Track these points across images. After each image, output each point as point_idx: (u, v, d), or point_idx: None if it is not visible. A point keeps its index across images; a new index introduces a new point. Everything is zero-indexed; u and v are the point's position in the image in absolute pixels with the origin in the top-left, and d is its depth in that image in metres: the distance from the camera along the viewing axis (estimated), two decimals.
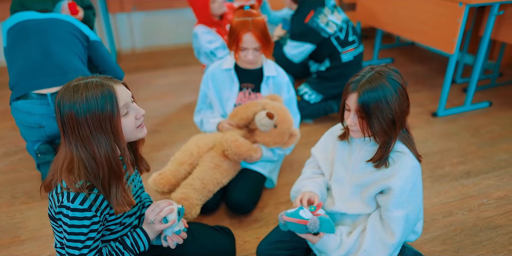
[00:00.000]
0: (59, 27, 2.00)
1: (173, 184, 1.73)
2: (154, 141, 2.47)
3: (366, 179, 1.24)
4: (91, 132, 0.98)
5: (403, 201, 1.17)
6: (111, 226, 1.12)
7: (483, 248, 1.63)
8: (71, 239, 1.03)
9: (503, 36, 2.67)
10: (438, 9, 2.55)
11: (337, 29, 2.52)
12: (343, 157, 1.32)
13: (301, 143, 2.32)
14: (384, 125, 1.14)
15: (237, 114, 1.79)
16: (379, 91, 1.11)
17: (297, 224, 1.20)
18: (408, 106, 1.18)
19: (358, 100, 1.12)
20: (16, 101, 1.86)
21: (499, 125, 2.60)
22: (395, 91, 1.13)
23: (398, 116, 1.14)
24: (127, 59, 3.91)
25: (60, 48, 1.95)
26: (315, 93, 2.63)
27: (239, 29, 1.73)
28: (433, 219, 1.79)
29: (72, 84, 1.00)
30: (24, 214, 1.86)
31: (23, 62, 1.91)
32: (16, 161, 2.27)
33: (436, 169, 2.16)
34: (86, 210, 1.00)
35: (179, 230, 1.20)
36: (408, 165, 1.18)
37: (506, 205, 1.88)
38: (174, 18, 4.07)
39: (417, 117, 2.72)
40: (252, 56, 1.77)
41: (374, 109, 1.12)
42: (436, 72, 3.47)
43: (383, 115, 1.12)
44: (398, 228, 1.17)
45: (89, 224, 1.02)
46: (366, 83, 1.12)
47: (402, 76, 1.17)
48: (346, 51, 2.57)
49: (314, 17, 2.49)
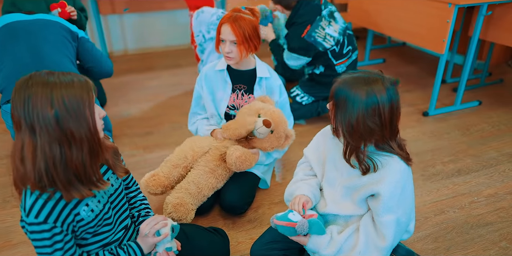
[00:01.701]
0: (47, 28, 1.98)
1: (166, 185, 1.72)
2: (147, 143, 2.46)
3: (354, 183, 1.24)
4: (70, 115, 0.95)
5: (392, 206, 1.16)
6: (88, 229, 1.09)
7: (474, 245, 1.65)
8: (40, 252, 1.01)
9: (492, 36, 2.71)
10: (428, 10, 2.58)
11: (334, 43, 2.46)
12: (334, 158, 1.32)
13: (294, 144, 2.32)
14: (343, 124, 1.13)
15: (230, 130, 1.76)
16: (352, 91, 1.11)
17: (286, 227, 1.22)
18: (379, 127, 1.12)
19: (336, 85, 1.15)
20: (6, 104, 1.84)
21: (488, 124, 2.63)
22: (368, 104, 1.09)
23: (359, 128, 1.12)
24: (119, 61, 3.89)
25: (49, 50, 1.93)
26: (307, 95, 2.63)
27: (222, 21, 1.76)
28: (425, 217, 1.81)
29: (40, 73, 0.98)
30: (15, 217, 1.84)
31: (12, 65, 1.89)
32: (7, 165, 2.25)
33: (428, 168, 2.18)
34: (42, 223, 0.97)
35: (170, 247, 1.19)
36: (396, 169, 1.17)
37: (496, 203, 1.90)
38: (166, 20, 4.06)
39: (408, 116, 2.75)
40: (228, 49, 1.76)
41: (341, 103, 1.12)
42: (426, 72, 3.51)
43: (345, 115, 1.12)
44: (389, 232, 1.17)
45: (49, 237, 0.99)
46: (351, 77, 1.14)
47: (394, 104, 1.12)
48: (340, 63, 2.55)
49: (311, 31, 2.41)
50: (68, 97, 0.95)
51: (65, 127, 0.95)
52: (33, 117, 0.93)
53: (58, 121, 0.94)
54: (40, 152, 0.95)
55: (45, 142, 0.94)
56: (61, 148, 0.96)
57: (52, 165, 0.95)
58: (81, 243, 1.12)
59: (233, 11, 1.79)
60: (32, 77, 0.96)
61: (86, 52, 2.13)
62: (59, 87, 0.95)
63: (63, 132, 0.95)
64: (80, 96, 0.96)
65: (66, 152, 0.96)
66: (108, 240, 1.16)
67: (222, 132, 1.81)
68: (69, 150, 0.97)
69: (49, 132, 0.94)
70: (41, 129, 0.94)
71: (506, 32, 2.60)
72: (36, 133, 0.94)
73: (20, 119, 0.94)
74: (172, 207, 1.61)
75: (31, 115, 0.93)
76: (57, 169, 0.96)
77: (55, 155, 0.95)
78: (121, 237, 1.20)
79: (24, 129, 0.95)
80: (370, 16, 3.13)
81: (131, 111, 2.87)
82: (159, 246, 1.18)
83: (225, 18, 1.76)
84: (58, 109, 0.94)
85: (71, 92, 0.95)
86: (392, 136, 1.17)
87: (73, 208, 1.03)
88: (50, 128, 0.94)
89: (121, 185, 1.23)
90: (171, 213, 1.60)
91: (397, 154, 1.18)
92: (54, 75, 0.97)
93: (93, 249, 1.14)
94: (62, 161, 0.96)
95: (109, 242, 1.17)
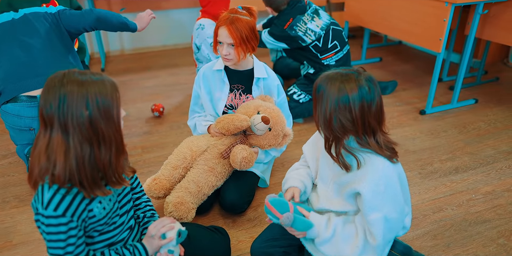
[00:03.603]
0: (35, 22, 1.94)
1: (168, 188, 1.72)
2: (145, 143, 2.46)
3: (341, 179, 1.25)
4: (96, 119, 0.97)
5: (377, 204, 1.16)
6: (97, 227, 1.10)
7: (472, 242, 1.66)
8: (52, 246, 1.02)
9: (488, 34, 2.73)
10: (424, 9, 2.59)
11: (314, 38, 2.52)
12: (327, 155, 1.33)
13: (292, 143, 2.34)
14: (320, 117, 1.18)
15: (220, 124, 1.76)
16: (328, 87, 1.14)
17: (273, 214, 1.25)
18: (353, 124, 1.14)
19: (318, 80, 1.18)
20: (5, 104, 1.84)
21: (485, 122, 2.65)
22: (340, 100, 1.13)
23: (331, 122, 1.15)
24: (116, 61, 3.89)
25: (42, 45, 1.90)
26: (303, 93, 2.65)
27: (219, 23, 1.76)
28: (424, 215, 1.82)
29: (73, 72, 0.98)
30: (15, 218, 1.84)
31: (8, 65, 1.87)
32: (6, 165, 2.24)
33: (425, 166, 2.19)
34: (60, 216, 0.99)
35: (172, 250, 1.19)
36: (377, 167, 1.17)
37: (494, 200, 1.92)
38: (162, 19, 4.05)
39: (405, 115, 2.76)
40: (225, 51, 1.77)
41: (319, 96, 1.16)
42: (423, 71, 3.53)
43: (320, 109, 1.17)
44: (377, 230, 1.17)
45: (65, 230, 1.00)
46: (333, 74, 1.16)
47: (365, 102, 1.13)
48: (326, 57, 2.59)
49: (293, 25, 2.50)
50: (101, 98, 0.96)
51: (97, 128, 0.97)
52: (67, 116, 0.94)
53: (91, 122, 0.96)
54: (72, 151, 0.96)
55: (77, 142, 0.96)
56: (92, 148, 0.98)
57: (82, 163, 0.97)
58: (88, 242, 1.12)
59: (230, 13, 1.78)
60: (66, 75, 0.97)
61: (70, 19, 2.02)
62: (93, 87, 0.96)
63: (95, 132, 0.97)
64: (110, 96, 0.98)
65: (96, 151, 0.98)
66: (113, 239, 1.17)
67: (214, 126, 1.82)
68: (98, 149, 0.99)
69: (82, 132, 0.96)
70: (74, 129, 0.95)
71: (502, 31, 2.62)
72: (69, 132, 0.95)
73: (53, 117, 0.95)
74: (172, 206, 1.61)
75: (65, 115, 0.94)
76: (86, 168, 0.98)
77: (85, 154, 0.97)
78: (126, 238, 1.21)
79: (56, 128, 0.96)
80: (367, 15, 3.15)
81: (128, 111, 2.87)
82: (162, 248, 1.18)
83: (222, 20, 1.75)
84: (92, 110, 0.95)
85: (104, 92, 0.97)
86: (368, 134, 1.17)
87: (88, 204, 1.04)
88: (83, 128, 0.95)
89: (128, 185, 1.24)
90: (172, 212, 1.60)
91: (376, 152, 1.18)
92: (87, 74, 0.98)
93: (99, 248, 1.14)
94: (91, 160, 0.98)
95: (115, 242, 1.17)
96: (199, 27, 2.64)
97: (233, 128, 1.73)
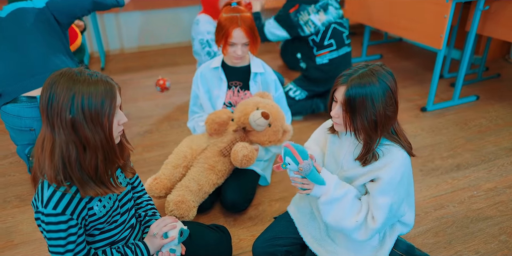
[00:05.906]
0: (25, 18, 1.90)
1: (169, 188, 1.72)
2: (146, 142, 2.46)
3: (354, 173, 1.25)
4: (86, 122, 0.96)
5: (389, 190, 1.18)
6: (98, 225, 1.10)
7: (474, 239, 1.66)
8: (52, 245, 1.02)
9: (489, 31, 2.72)
10: (425, 5, 2.58)
11: (313, 31, 2.52)
12: (333, 151, 1.33)
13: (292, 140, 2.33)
14: (365, 124, 1.14)
15: (205, 126, 1.80)
16: (367, 89, 1.12)
17: (295, 158, 1.16)
18: (394, 112, 1.17)
19: (346, 93, 1.13)
20: (5, 105, 1.83)
21: (486, 119, 2.64)
22: (383, 93, 1.13)
23: (381, 119, 1.14)
24: (116, 60, 3.88)
25: (34, 43, 1.87)
26: (299, 89, 2.66)
27: (228, 25, 1.75)
28: (425, 212, 1.82)
29: (72, 71, 0.98)
30: (16, 218, 1.84)
31: (4, 67, 1.85)
32: (7, 165, 2.24)
33: (427, 163, 2.19)
34: (60, 214, 0.99)
35: (174, 249, 1.19)
36: (398, 156, 1.19)
37: (496, 197, 1.91)
38: (162, 18, 4.05)
39: (406, 112, 2.75)
40: (241, 52, 1.79)
41: (359, 105, 1.12)
42: (424, 67, 3.51)
43: (367, 114, 1.13)
44: (381, 215, 1.18)
45: (65, 228, 1.00)
46: (357, 78, 1.13)
47: (395, 80, 1.16)
48: (320, 54, 2.59)
49: (297, 12, 2.51)
50: (88, 106, 0.95)
51: (80, 133, 0.97)
52: (54, 116, 0.95)
53: (74, 126, 0.96)
54: (58, 149, 0.97)
55: (62, 141, 0.97)
56: (77, 150, 0.98)
57: (68, 162, 0.98)
58: (88, 240, 1.12)
59: (232, 11, 1.77)
60: (62, 75, 0.97)
61: (63, 6, 1.96)
62: (81, 94, 0.95)
63: (78, 136, 0.97)
64: (100, 105, 0.97)
65: (81, 154, 0.98)
66: (115, 238, 1.16)
67: (204, 123, 1.82)
68: (83, 153, 0.99)
69: (65, 134, 0.96)
70: (59, 129, 0.96)
71: (503, 27, 2.60)
72: (55, 131, 0.97)
73: (43, 114, 0.97)
74: (173, 205, 1.61)
75: (52, 114, 0.95)
76: (72, 168, 0.98)
77: (70, 154, 0.97)
78: (127, 236, 1.21)
79: (46, 124, 0.98)
80: (367, 12, 3.13)
81: (129, 110, 2.86)
82: (164, 247, 1.18)
83: (230, 21, 1.74)
84: (76, 115, 0.95)
85: (92, 101, 0.96)
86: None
87: (87, 202, 1.04)
88: (66, 130, 0.96)
89: (128, 184, 1.24)
90: (173, 211, 1.60)
91: (401, 144, 1.21)
92: (82, 77, 0.97)
93: (100, 247, 1.14)
94: (77, 161, 0.98)
95: (116, 241, 1.17)
96: (195, 21, 2.63)
97: (217, 126, 1.75)
